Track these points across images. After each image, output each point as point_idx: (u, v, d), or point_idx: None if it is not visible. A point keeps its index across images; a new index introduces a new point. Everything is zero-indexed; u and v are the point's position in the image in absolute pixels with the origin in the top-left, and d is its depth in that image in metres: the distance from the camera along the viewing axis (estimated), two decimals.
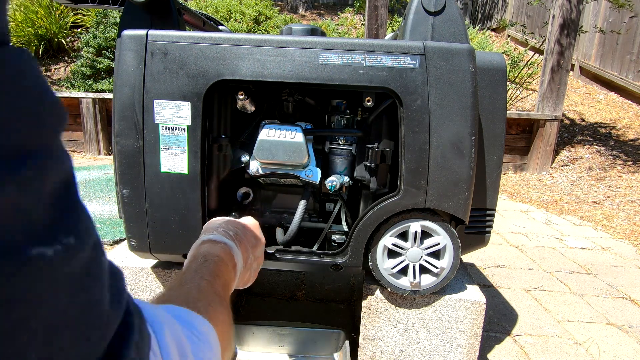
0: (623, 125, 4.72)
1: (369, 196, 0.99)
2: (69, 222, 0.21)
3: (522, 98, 5.19)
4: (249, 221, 0.73)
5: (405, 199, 0.89)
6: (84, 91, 4.93)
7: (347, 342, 1.08)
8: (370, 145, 0.93)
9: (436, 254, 0.94)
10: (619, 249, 2.33)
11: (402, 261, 0.94)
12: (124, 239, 1.51)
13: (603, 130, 4.66)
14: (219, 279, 0.52)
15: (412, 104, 0.85)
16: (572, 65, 5.85)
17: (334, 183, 0.94)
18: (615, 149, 4.30)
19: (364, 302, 1.01)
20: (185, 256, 0.94)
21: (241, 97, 0.90)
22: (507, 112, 1.25)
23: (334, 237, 1.01)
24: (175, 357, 0.31)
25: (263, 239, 0.73)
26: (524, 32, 6.54)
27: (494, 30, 7.87)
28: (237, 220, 0.70)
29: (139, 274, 1.03)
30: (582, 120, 4.91)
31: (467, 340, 1.01)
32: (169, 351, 0.31)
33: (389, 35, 1.39)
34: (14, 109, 0.18)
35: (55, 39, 5.79)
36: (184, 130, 0.87)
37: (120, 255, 1.09)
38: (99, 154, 4.59)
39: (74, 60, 5.62)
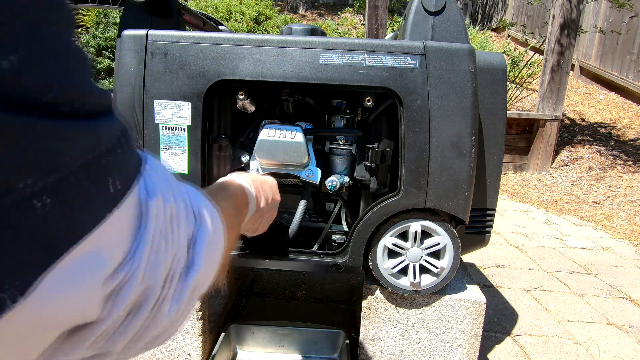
0: (623, 125, 4.72)
1: (369, 196, 0.99)
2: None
3: (522, 98, 5.20)
4: (269, 178, 0.75)
5: (406, 199, 0.89)
6: None
7: (347, 342, 1.08)
8: (370, 145, 0.93)
9: (436, 254, 0.95)
10: (619, 249, 2.33)
11: (402, 261, 0.94)
12: None
13: (603, 130, 4.66)
14: (234, 202, 0.53)
15: (412, 104, 0.85)
16: (572, 65, 5.85)
17: (334, 183, 0.94)
18: (616, 149, 4.30)
19: (364, 302, 1.01)
20: None
21: (241, 97, 0.90)
22: (507, 112, 1.25)
23: (334, 237, 1.01)
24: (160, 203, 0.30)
25: (279, 197, 0.75)
26: (524, 32, 6.54)
27: (494, 30, 7.87)
28: (258, 174, 0.72)
29: None
30: (582, 120, 4.91)
31: (467, 340, 1.01)
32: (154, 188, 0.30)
33: (389, 35, 1.39)
34: None
35: None
36: (184, 130, 0.87)
37: None
38: None
39: None
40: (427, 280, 0.95)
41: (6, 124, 0.17)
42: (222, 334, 1.09)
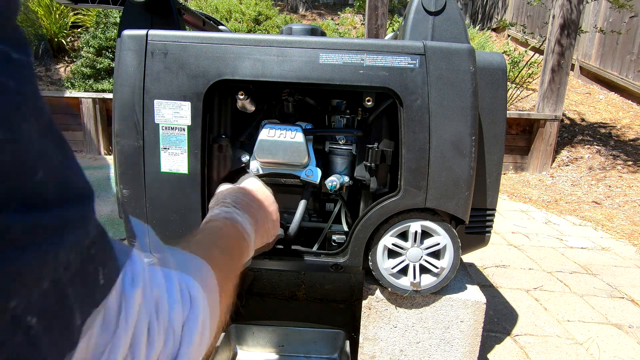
0: (623, 125, 4.72)
1: (369, 196, 0.99)
2: None
3: (522, 98, 5.19)
4: (252, 185, 0.74)
5: (406, 199, 0.89)
6: (84, 91, 4.92)
7: (347, 342, 1.08)
8: (370, 145, 0.93)
9: (436, 254, 0.94)
10: (619, 249, 2.33)
11: (402, 261, 0.94)
12: (124, 239, 1.51)
13: (603, 130, 4.66)
14: (229, 243, 0.52)
15: (412, 104, 0.85)
16: (573, 65, 5.85)
17: (334, 183, 0.94)
18: (616, 149, 4.30)
19: (364, 302, 1.01)
20: None
21: (241, 97, 0.90)
22: (507, 112, 1.25)
23: (334, 237, 1.01)
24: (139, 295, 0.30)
25: (270, 199, 0.73)
26: (524, 32, 6.54)
27: (494, 30, 7.87)
28: (240, 187, 0.71)
29: None
30: (583, 120, 4.91)
31: (467, 340, 1.01)
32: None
33: (389, 35, 1.39)
34: None
35: (56, 39, 5.79)
36: (184, 130, 0.87)
37: None
38: (99, 154, 4.59)
39: (74, 60, 5.62)
40: (427, 280, 0.95)
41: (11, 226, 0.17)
42: (222, 334, 1.09)
